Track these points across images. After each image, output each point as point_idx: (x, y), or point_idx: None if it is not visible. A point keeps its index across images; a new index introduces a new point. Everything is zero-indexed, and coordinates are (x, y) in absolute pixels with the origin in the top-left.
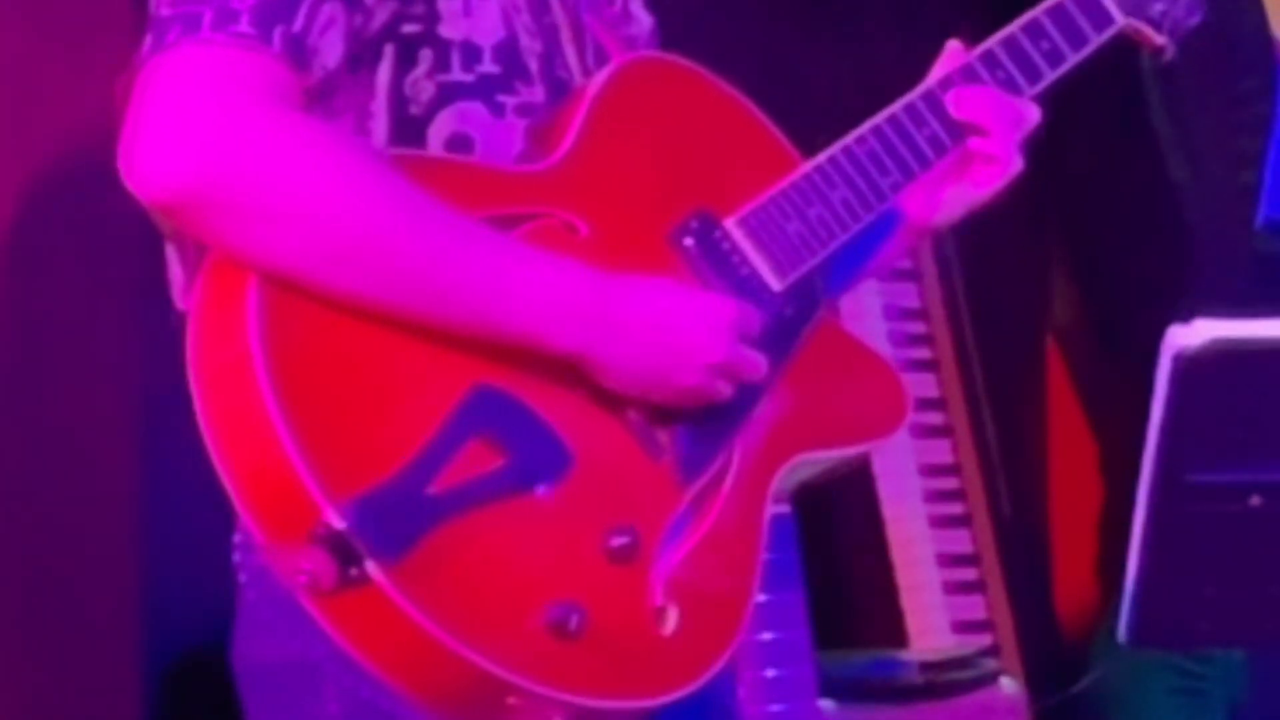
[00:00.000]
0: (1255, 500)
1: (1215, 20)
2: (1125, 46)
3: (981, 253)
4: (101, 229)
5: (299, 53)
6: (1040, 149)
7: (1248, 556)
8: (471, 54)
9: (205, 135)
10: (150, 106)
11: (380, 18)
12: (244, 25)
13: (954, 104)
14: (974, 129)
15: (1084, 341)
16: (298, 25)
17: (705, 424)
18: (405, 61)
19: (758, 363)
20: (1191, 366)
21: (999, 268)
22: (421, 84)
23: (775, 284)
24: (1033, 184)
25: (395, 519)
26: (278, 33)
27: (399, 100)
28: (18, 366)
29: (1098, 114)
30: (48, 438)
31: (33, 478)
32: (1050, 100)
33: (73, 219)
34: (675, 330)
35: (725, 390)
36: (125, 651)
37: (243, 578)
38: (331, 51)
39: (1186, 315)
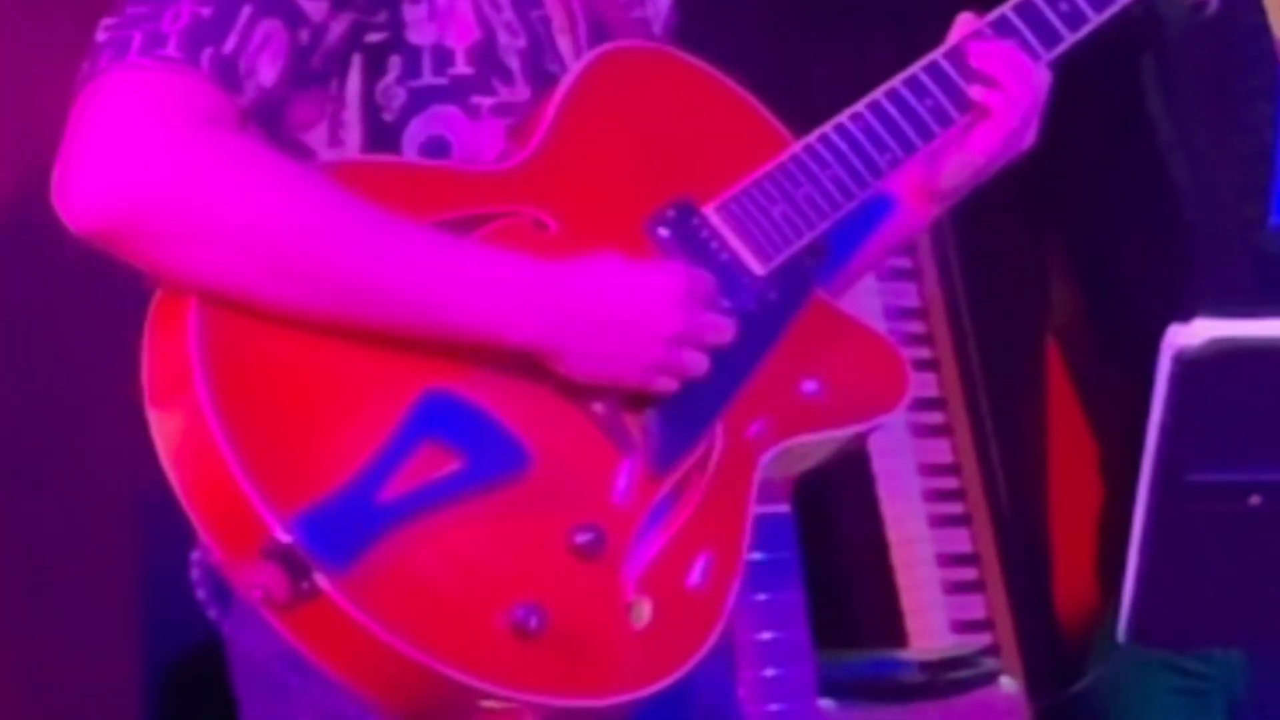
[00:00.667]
0: (1255, 500)
1: (1216, 20)
2: (1126, 45)
3: (981, 253)
4: None
5: (229, 74)
6: (1040, 149)
7: (1248, 556)
8: (443, 57)
9: (130, 163)
10: (79, 135)
11: (337, 30)
12: (171, 49)
13: (973, 52)
14: (985, 78)
15: (1084, 341)
16: (229, 46)
17: (680, 411)
18: (374, 70)
19: (720, 325)
20: (1191, 366)
21: (999, 268)
22: (392, 90)
23: (758, 268)
24: (1033, 184)
25: (343, 529)
26: (206, 55)
27: (371, 108)
28: (17, 365)
29: (1097, 114)
30: (47, 437)
31: (33, 477)
32: (1050, 100)
33: None
34: (627, 307)
35: (695, 360)
36: (125, 651)
37: (200, 594)
38: (269, 70)
39: (1186, 315)
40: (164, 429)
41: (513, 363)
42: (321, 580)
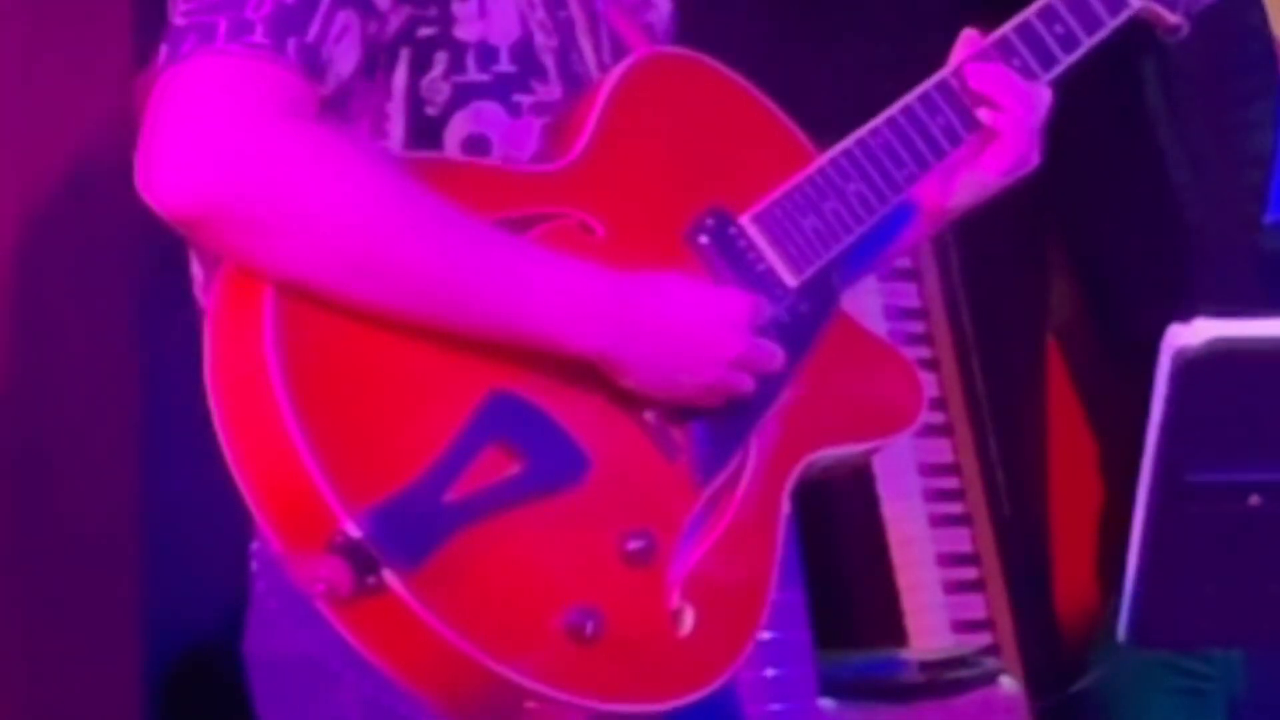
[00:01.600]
0: (1255, 500)
1: (1215, 20)
2: (1126, 45)
3: (981, 252)
4: (103, 228)
5: (313, 63)
6: (1041, 149)
7: (1247, 556)
8: (487, 54)
9: (223, 150)
10: (167, 119)
11: (394, 23)
12: (259, 36)
13: (971, 75)
14: (988, 102)
15: (1084, 341)
16: (312, 35)
17: (721, 422)
18: (421, 64)
19: (774, 353)
20: (1191, 366)
21: (999, 267)
22: (437, 85)
23: (791, 280)
24: (1033, 184)
25: (412, 527)
26: (292, 43)
27: (415, 102)
28: (18, 366)
29: (1098, 114)
30: (48, 438)
31: (33, 478)
32: (1051, 100)
33: (74, 218)
34: (693, 326)
35: (746, 383)
36: (125, 651)
37: (261, 585)
38: (345, 60)
39: (1186, 315)
40: (230, 417)
41: (572, 367)
42: (389, 577)
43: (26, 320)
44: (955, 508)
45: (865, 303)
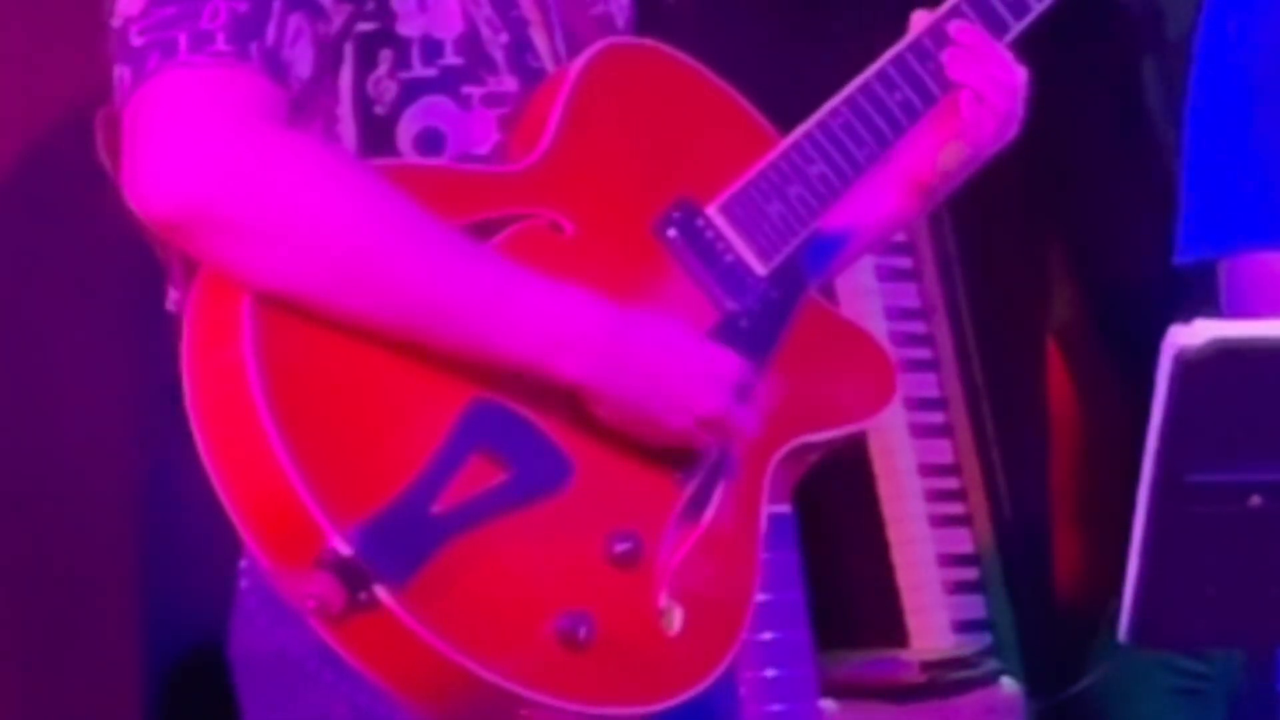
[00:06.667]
0: (1255, 500)
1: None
2: (1126, 45)
3: (982, 253)
4: (102, 229)
5: (276, 66)
6: (1040, 146)
7: (1248, 556)
8: (432, 48)
9: (205, 152)
10: (145, 135)
11: (338, 21)
12: (220, 44)
13: (955, 34)
14: (977, 74)
15: (1084, 341)
16: (270, 39)
17: None
18: (365, 62)
19: (750, 423)
20: (1192, 366)
21: (1000, 268)
22: (384, 83)
23: (760, 268)
24: (1034, 184)
25: (401, 541)
26: (254, 47)
27: (364, 102)
28: (18, 367)
29: (1098, 111)
30: (48, 438)
31: (33, 478)
32: (1051, 97)
33: (73, 219)
34: (677, 375)
35: (710, 444)
36: (125, 651)
37: (251, 603)
38: (303, 62)
39: (1187, 315)
40: (212, 433)
41: None
42: (381, 593)
43: (26, 320)
44: (956, 508)
45: (866, 303)
